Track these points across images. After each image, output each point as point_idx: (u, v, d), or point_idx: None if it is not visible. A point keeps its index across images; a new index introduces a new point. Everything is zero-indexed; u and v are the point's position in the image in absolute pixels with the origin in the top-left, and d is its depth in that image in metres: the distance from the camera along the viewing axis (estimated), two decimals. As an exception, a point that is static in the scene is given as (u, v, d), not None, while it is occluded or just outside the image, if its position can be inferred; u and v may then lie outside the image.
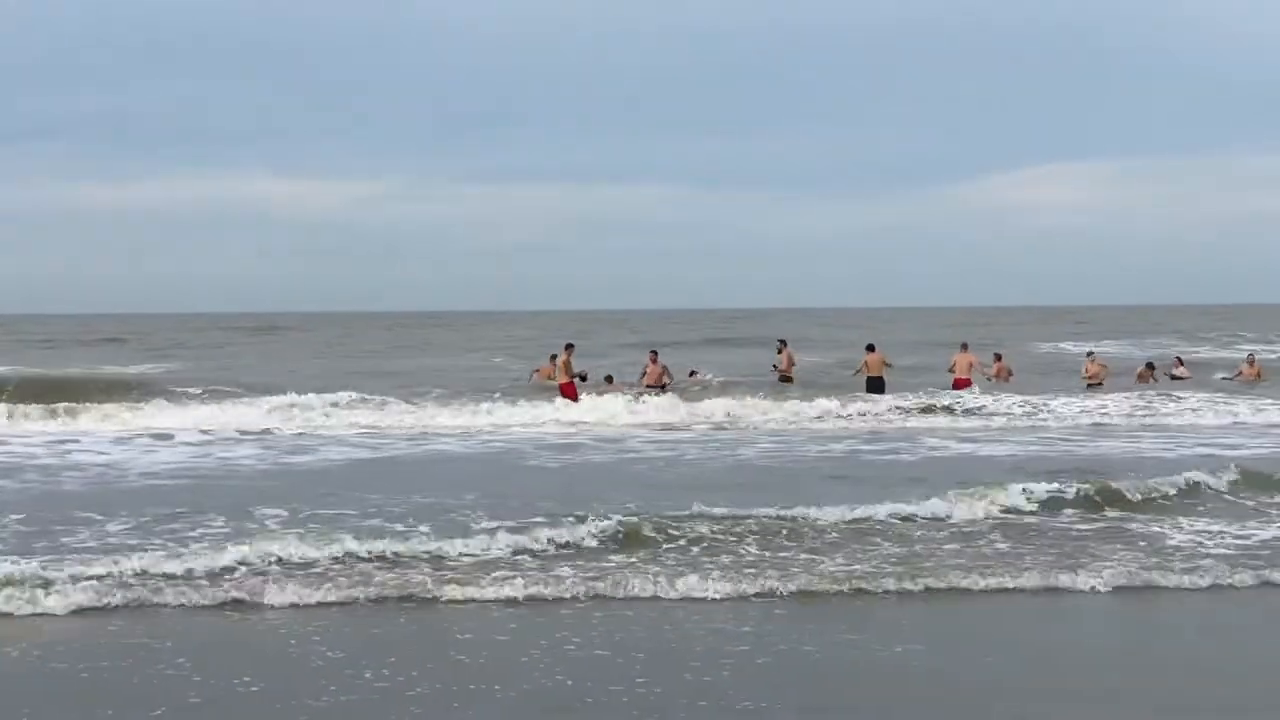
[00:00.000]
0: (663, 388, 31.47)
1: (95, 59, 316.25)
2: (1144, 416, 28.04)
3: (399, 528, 13.71)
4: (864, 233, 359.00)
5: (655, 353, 34.28)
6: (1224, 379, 35.57)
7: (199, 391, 31.88)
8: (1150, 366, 35.24)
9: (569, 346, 32.32)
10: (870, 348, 32.80)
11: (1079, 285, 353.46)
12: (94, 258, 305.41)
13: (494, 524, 13.69)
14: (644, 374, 32.58)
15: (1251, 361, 37.15)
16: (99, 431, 25.01)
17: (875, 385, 31.11)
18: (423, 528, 13.61)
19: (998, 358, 34.94)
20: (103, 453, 21.77)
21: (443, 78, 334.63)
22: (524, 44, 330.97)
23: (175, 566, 11.70)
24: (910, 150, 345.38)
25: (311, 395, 29.20)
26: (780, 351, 33.64)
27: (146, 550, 12.32)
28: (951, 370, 32.60)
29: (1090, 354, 37.13)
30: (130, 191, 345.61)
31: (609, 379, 32.81)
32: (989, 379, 32.87)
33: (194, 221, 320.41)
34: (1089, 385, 33.00)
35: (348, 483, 18.18)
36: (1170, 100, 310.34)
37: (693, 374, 34.86)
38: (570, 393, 30.57)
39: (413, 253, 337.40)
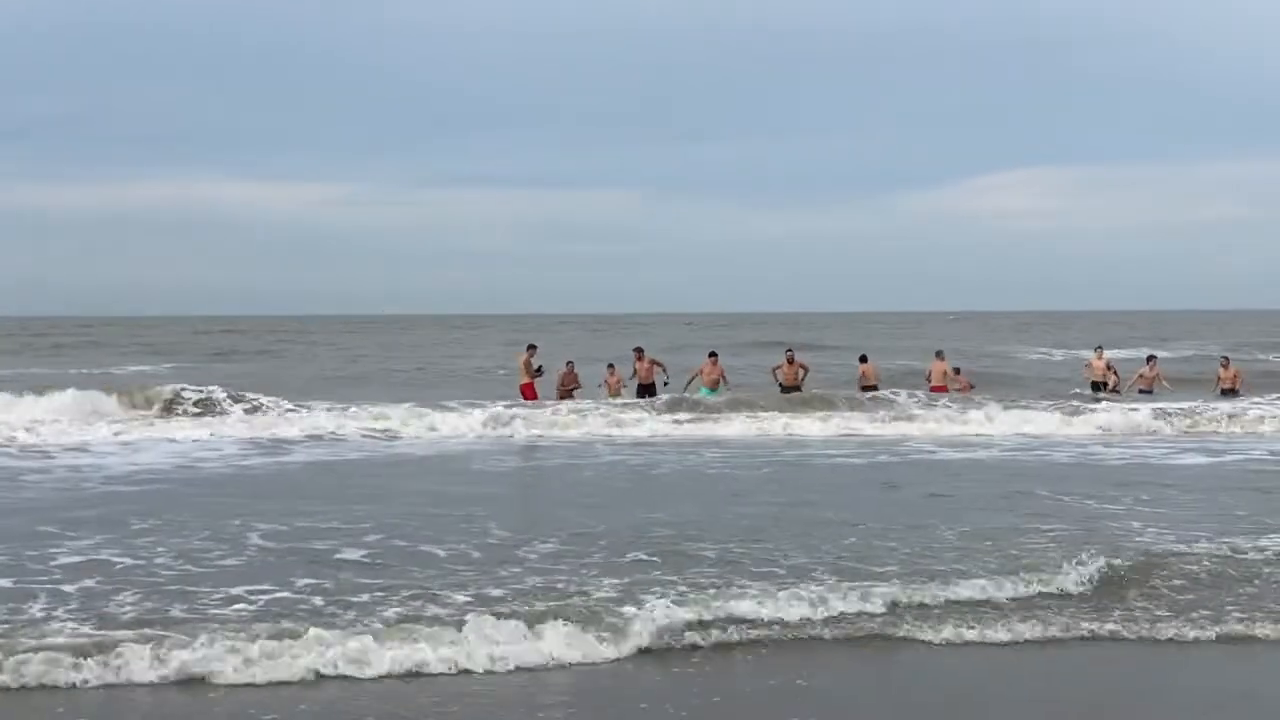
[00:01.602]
0: (651, 386, 30.39)
1: (56, 61, 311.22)
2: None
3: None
4: (826, 239, 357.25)
5: (640, 350, 32.48)
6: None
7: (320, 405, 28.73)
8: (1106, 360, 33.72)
9: (531, 347, 31.23)
10: (863, 358, 33.33)
11: (1042, 291, 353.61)
12: (52, 261, 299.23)
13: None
14: (634, 374, 31.21)
15: (1226, 364, 33.47)
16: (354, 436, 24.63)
17: (868, 390, 31.14)
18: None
19: (957, 371, 33.87)
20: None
21: (405, 83, 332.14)
22: (486, 51, 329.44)
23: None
24: (872, 157, 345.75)
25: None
26: (791, 362, 32.01)
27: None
28: (929, 379, 32.28)
29: (1150, 358, 34.07)
30: (91, 194, 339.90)
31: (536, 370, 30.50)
32: (957, 389, 32.33)
33: (154, 225, 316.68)
34: (1140, 391, 31.82)
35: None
36: (1132, 108, 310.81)
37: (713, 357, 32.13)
38: (530, 393, 29.66)
39: (374, 257, 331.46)
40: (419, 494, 17.13)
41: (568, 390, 30.77)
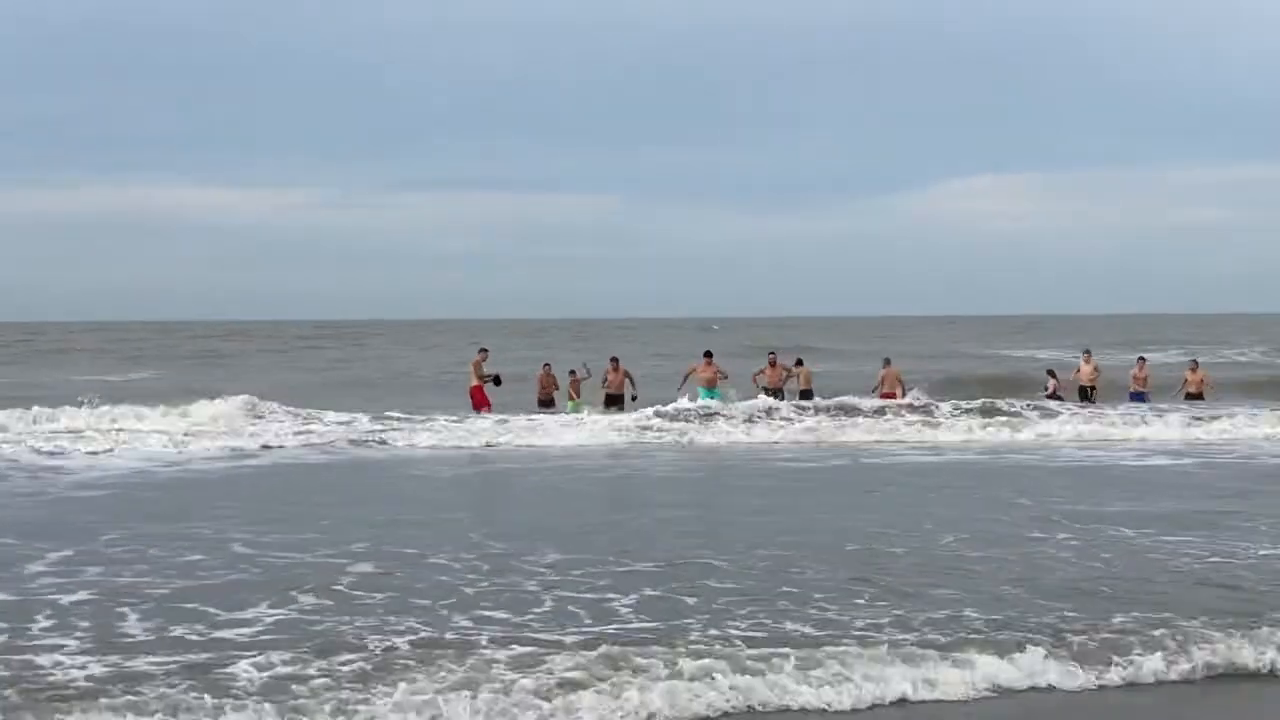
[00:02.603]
0: (620, 397, 29.52)
1: (11, 63, 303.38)
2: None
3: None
4: (799, 242, 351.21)
5: (616, 359, 31.16)
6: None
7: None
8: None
9: (483, 350, 30.61)
10: (799, 362, 33.06)
11: (1011, 294, 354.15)
12: (21, 264, 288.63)
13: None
14: (605, 382, 30.05)
15: (1194, 367, 33.38)
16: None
17: (804, 395, 30.88)
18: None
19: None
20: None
21: (383, 86, 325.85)
22: (458, 52, 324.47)
23: None
24: (844, 161, 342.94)
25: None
26: (774, 365, 31.39)
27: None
28: (878, 387, 31.70)
29: (1140, 359, 33.90)
30: (58, 199, 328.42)
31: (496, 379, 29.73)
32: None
33: (116, 229, 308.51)
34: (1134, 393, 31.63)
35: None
36: (1100, 113, 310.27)
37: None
38: (479, 397, 28.87)
39: (345, 261, 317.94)
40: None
41: (548, 394, 29.96)
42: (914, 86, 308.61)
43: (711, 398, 29.18)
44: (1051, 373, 34.06)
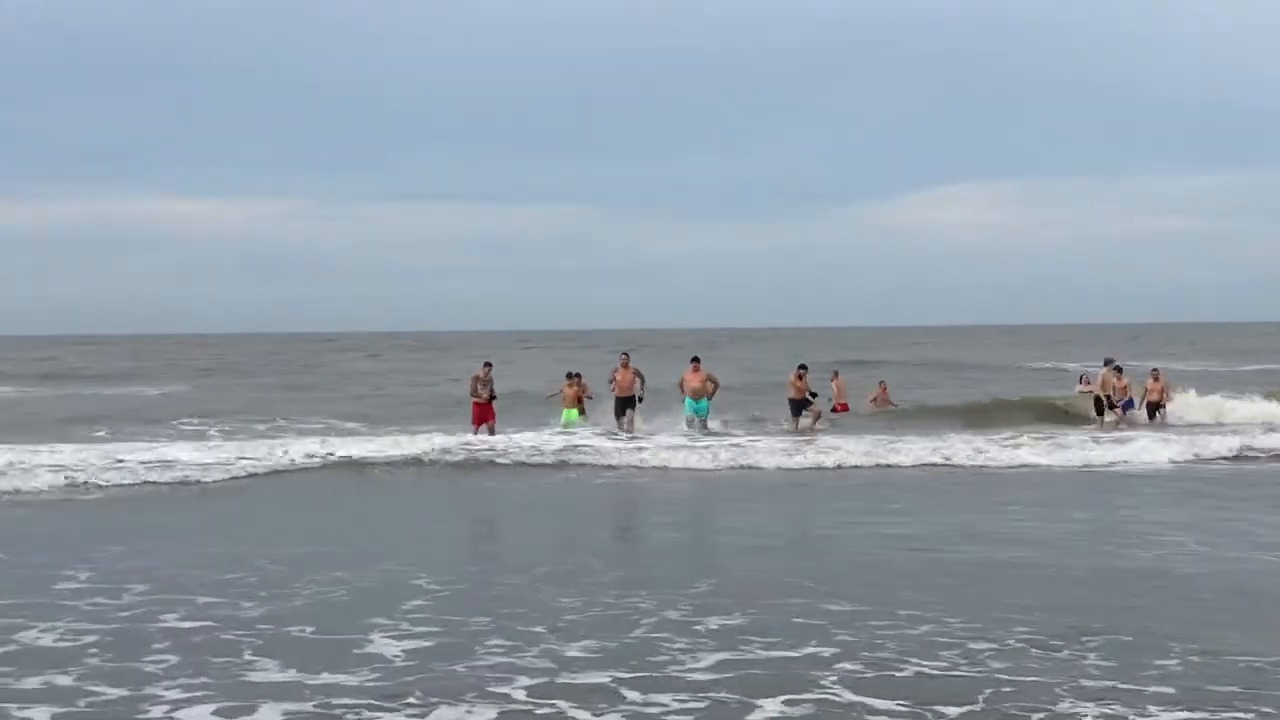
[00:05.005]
0: (631, 399, 27.24)
1: None
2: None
3: None
4: (772, 253, 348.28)
5: (627, 355, 28.24)
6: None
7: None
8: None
9: (487, 364, 28.15)
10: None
11: (982, 303, 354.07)
12: None
13: None
14: (612, 381, 27.58)
15: (1156, 376, 31.78)
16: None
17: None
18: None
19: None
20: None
21: (357, 97, 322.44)
22: (425, 64, 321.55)
23: None
24: (817, 171, 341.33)
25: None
26: (801, 378, 29.53)
27: None
28: (833, 397, 31.71)
29: (1118, 368, 32.19)
30: (28, 211, 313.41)
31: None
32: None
33: (93, 242, 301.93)
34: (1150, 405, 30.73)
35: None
36: (1072, 123, 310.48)
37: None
38: (477, 412, 27.05)
39: (317, 272, 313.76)
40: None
41: (579, 403, 28.36)
42: (890, 96, 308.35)
43: (699, 412, 27.42)
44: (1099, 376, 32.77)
